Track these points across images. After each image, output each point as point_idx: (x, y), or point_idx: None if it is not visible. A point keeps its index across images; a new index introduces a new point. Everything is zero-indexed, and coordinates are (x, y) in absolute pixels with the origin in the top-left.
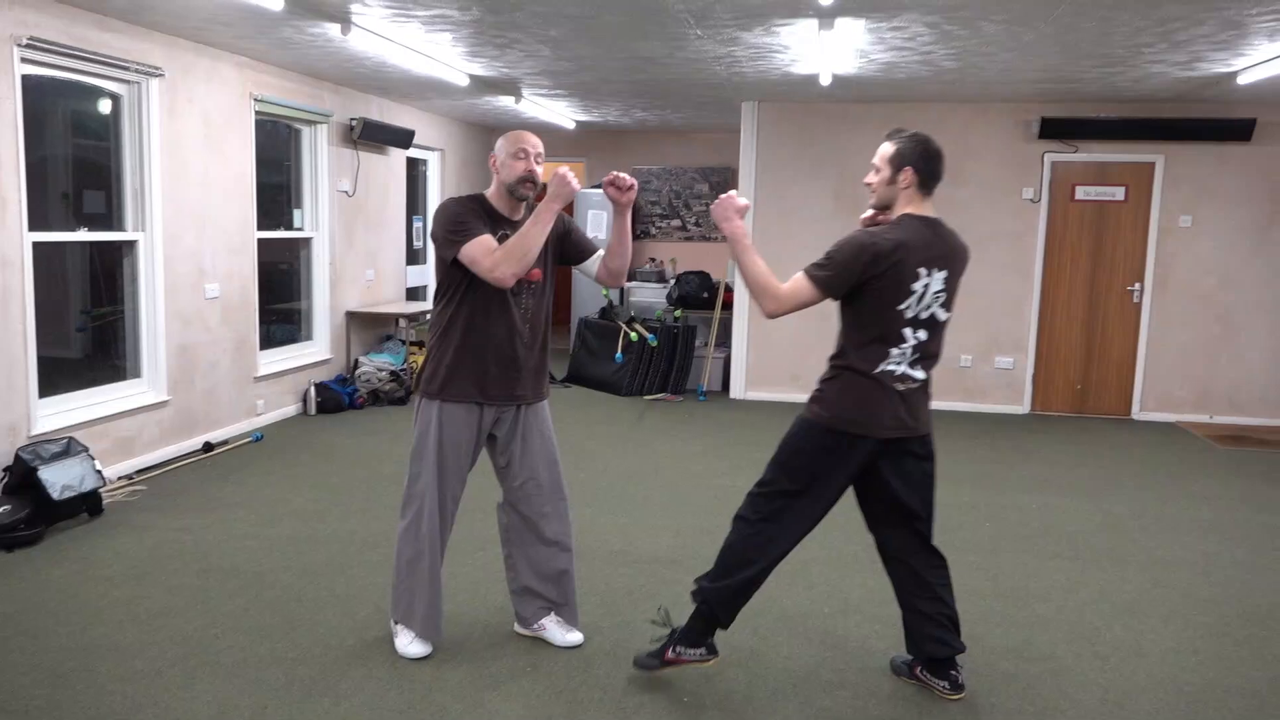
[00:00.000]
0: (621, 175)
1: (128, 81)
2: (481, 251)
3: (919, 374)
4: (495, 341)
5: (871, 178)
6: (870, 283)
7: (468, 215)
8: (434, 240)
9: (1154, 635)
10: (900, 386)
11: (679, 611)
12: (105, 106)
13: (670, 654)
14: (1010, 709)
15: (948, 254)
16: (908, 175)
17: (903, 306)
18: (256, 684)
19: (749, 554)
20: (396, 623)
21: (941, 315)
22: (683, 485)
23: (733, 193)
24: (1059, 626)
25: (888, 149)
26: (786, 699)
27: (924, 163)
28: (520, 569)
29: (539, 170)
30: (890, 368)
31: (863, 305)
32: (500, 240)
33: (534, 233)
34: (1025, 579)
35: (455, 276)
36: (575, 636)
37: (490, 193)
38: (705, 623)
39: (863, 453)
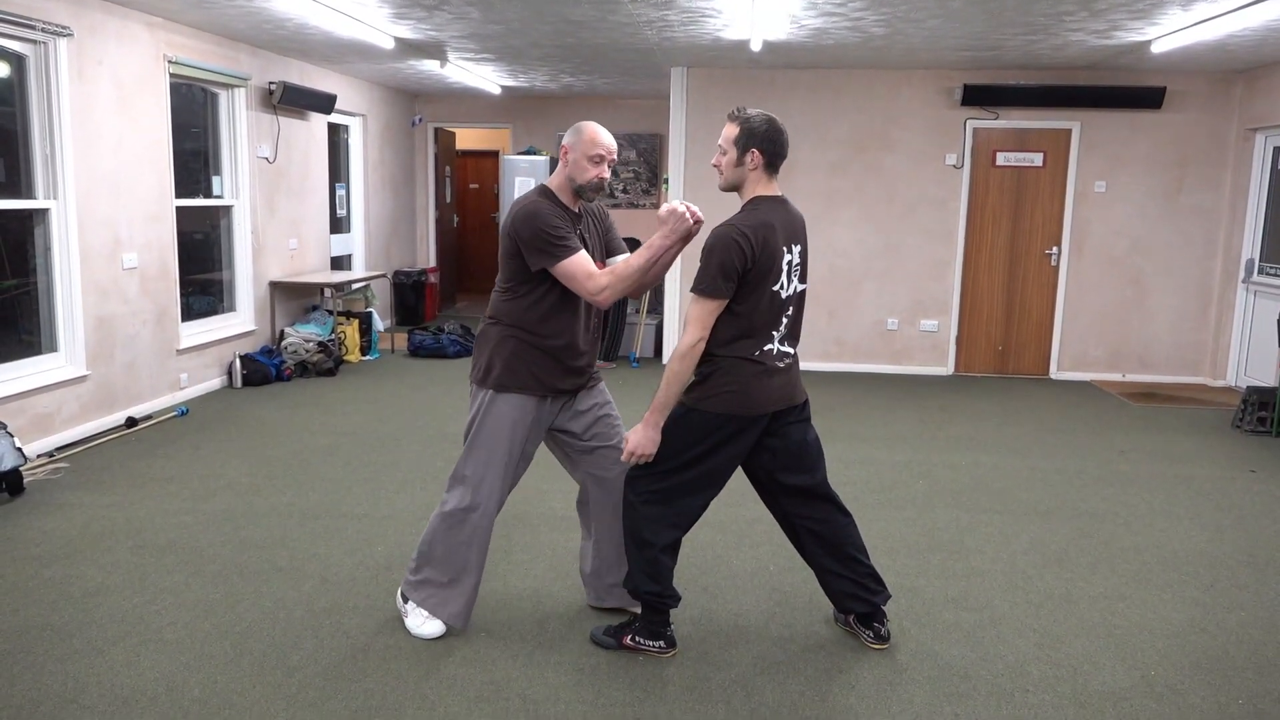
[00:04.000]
0: (695, 211)
1: (33, 41)
2: (583, 273)
3: (790, 349)
4: (577, 335)
5: (718, 159)
6: (745, 270)
7: (562, 226)
8: (519, 242)
9: (1083, 583)
10: (780, 364)
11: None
12: (2, 68)
13: (629, 640)
14: (953, 655)
15: (800, 230)
16: (755, 157)
17: (777, 287)
18: (204, 659)
19: (645, 535)
20: (409, 602)
21: (800, 288)
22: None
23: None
24: (994, 577)
25: (732, 130)
26: (739, 652)
27: (769, 144)
28: (611, 551)
29: (609, 174)
30: (770, 347)
31: (740, 293)
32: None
33: (642, 266)
34: (959, 533)
35: (536, 275)
36: None
37: (556, 185)
38: (656, 612)
39: (752, 434)
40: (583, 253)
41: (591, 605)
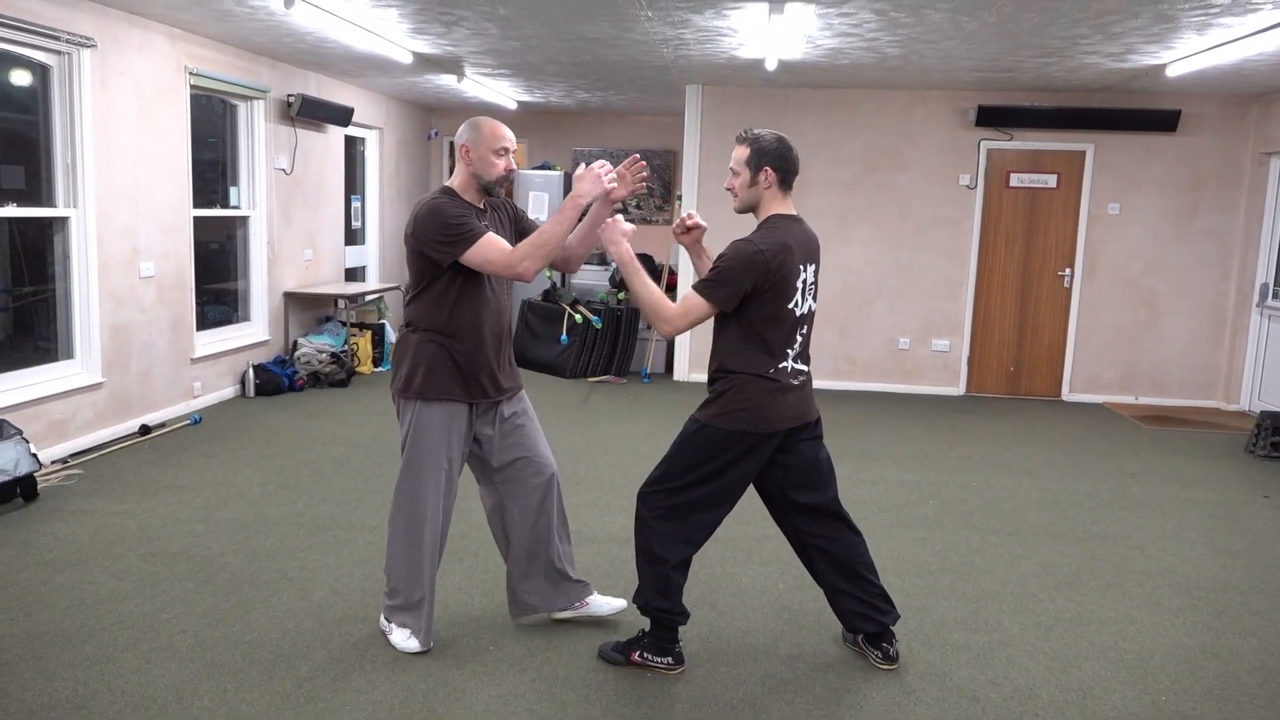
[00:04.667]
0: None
1: (58, 52)
2: (495, 251)
3: (804, 367)
4: (489, 336)
5: (731, 181)
6: (761, 289)
7: (463, 214)
8: (420, 242)
9: (1094, 606)
10: (794, 382)
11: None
12: (26, 78)
13: (636, 656)
14: (962, 677)
15: (815, 248)
16: (768, 175)
17: (792, 305)
18: (214, 667)
19: (656, 551)
20: (390, 622)
21: (813, 307)
22: (631, 466)
23: (618, 217)
24: (1004, 598)
25: (743, 152)
26: (747, 670)
27: (781, 160)
28: (543, 562)
29: (514, 166)
30: (784, 365)
31: (756, 311)
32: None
33: (559, 230)
34: (970, 554)
35: (443, 276)
36: (619, 602)
37: (458, 184)
38: (665, 628)
39: (765, 451)
40: (490, 234)
41: (514, 620)
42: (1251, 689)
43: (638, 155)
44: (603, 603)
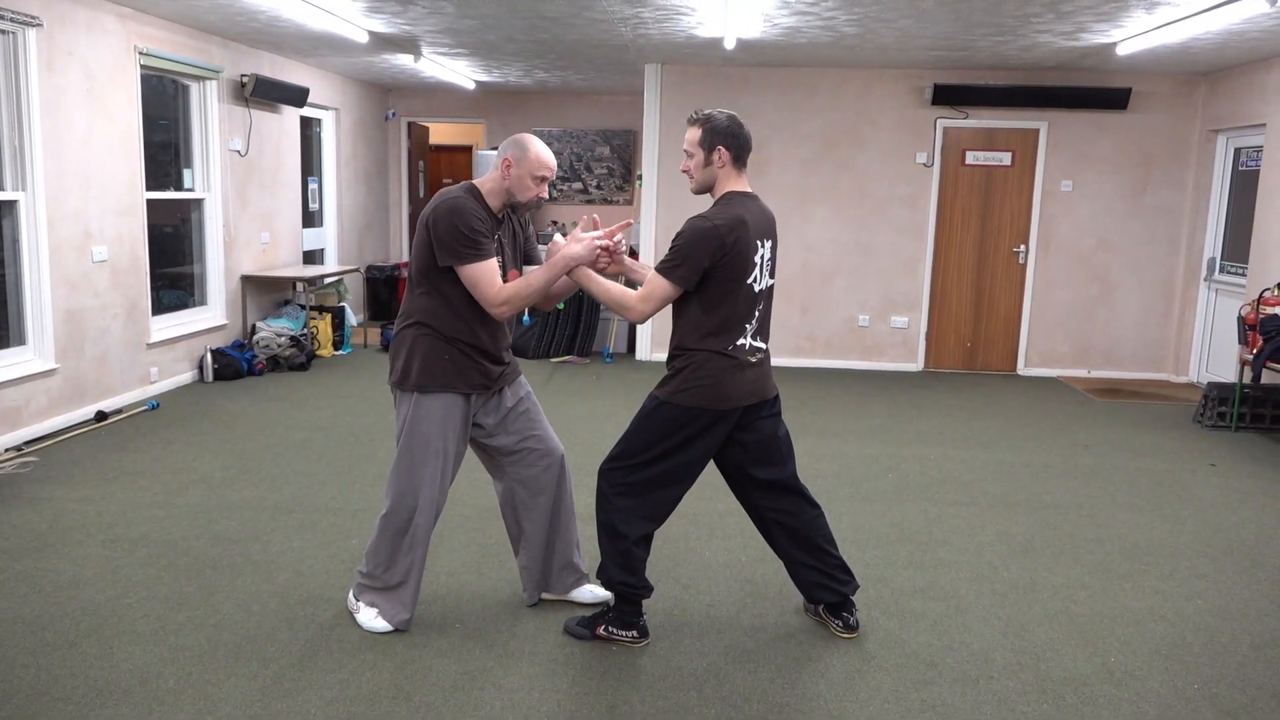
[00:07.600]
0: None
1: (2, 31)
2: (486, 281)
3: (761, 344)
4: (492, 327)
5: (686, 164)
6: (718, 265)
7: (481, 229)
8: (434, 236)
9: (1046, 573)
10: (753, 358)
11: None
12: None
13: (601, 630)
14: (920, 643)
15: (770, 225)
16: (722, 154)
17: (750, 280)
18: (178, 651)
19: (618, 527)
20: (359, 600)
21: (770, 283)
22: (594, 444)
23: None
24: (960, 567)
25: (695, 133)
26: (711, 641)
27: (733, 138)
28: (547, 546)
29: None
30: (742, 342)
31: (713, 287)
32: (498, 250)
33: (542, 286)
34: (927, 524)
35: (447, 274)
36: (606, 594)
37: (488, 189)
38: (629, 602)
39: (724, 428)
40: (492, 261)
41: (529, 604)
42: (1196, 649)
43: (631, 221)
44: (588, 592)
